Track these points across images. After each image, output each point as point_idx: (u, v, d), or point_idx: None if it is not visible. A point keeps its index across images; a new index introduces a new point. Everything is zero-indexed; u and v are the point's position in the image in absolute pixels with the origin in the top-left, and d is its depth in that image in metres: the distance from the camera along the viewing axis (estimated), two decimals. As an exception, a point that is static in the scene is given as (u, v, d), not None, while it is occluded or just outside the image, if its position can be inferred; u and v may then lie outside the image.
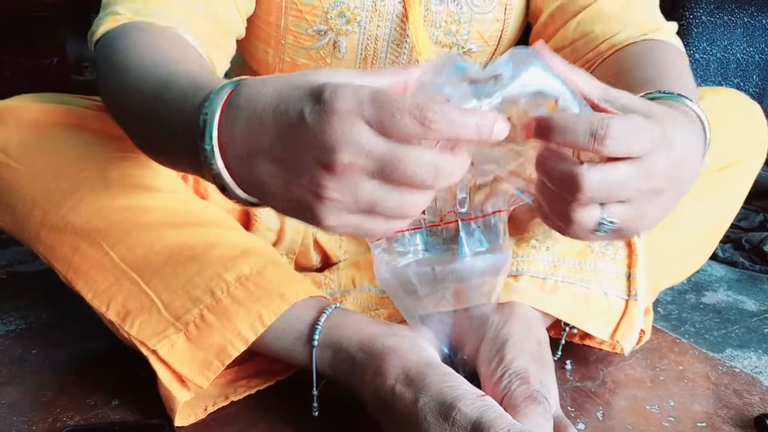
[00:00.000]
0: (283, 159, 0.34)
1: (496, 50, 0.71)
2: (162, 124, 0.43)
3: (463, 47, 0.68)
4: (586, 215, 0.37)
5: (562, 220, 0.39)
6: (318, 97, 0.32)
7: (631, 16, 0.64)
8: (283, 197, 0.35)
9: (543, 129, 0.36)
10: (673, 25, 0.66)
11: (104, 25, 0.53)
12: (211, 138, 0.37)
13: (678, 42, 0.65)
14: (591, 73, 0.65)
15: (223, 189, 0.38)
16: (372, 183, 0.33)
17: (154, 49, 0.50)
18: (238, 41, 0.64)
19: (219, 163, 0.37)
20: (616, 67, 0.61)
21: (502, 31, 0.69)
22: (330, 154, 0.32)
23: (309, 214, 0.35)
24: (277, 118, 0.34)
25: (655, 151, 0.37)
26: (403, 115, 0.32)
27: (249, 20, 0.66)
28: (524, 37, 0.75)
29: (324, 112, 0.32)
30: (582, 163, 0.37)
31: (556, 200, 0.38)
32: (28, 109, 0.57)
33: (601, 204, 0.37)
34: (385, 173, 0.33)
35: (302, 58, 0.67)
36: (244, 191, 0.38)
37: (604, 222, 0.38)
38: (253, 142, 0.35)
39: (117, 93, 0.49)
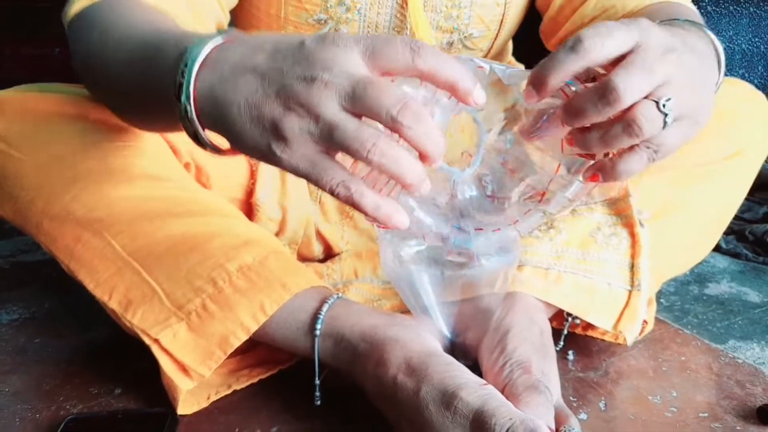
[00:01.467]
0: (268, 72, 0.36)
1: (497, 35, 0.70)
2: (150, 73, 0.43)
3: (464, 32, 0.68)
4: (644, 111, 0.39)
5: (627, 133, 0.39)
6: (323, 34, 0.36)
7: None
8: (249, 116, 0.36)
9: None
10: None
11: (77, 3, 0.53)
12: (192, 69, 0.38)
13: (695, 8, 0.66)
14: None
15: (195, 135, 0.40)
16: (339, 106, 0.35)
17: (138, 13, 0.50)
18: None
19: (191, 104, 0.38)
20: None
21: (503, 15, 0.69)
22: (314, 70, 0.34)
23: (268, 132, 0.36)
24: (277, 43, 0.37)
25: (645, 33, 0.39)
26: (395, 41, 0.35)
27: (249, 12, 0.65)
28: (528, 20, 0.75)
29: (325, 40, 0.35)
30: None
31: (610, 127, 0.40)
32: (28, 98, 0.56)
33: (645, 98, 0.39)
34: (356, 95, 0.34)
35: None
36: (210, 123, 0.39)
37: (662, 104, 0.39)
38: (244, 61, 0.37)
39: (98, 57, 0.49)
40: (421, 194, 0.37)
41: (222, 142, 0.40)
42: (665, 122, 0.39)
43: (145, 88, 0.44)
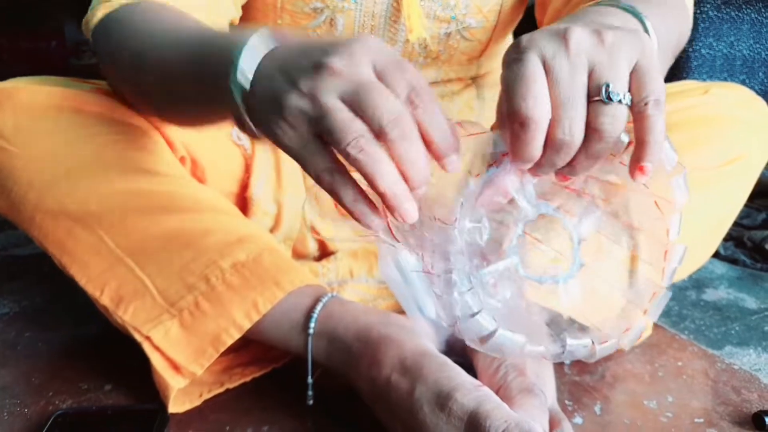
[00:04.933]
0: (290, 58, 0.37)
1: (495, 26, 0.70)
2: (198, 69, 0.45)
3: (461, 22, 0.67)
4: (598, 114, 0.36)
5: (601, 140, 0.36)
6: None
7: None
8: (264, 94, 0.37)
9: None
10: None
11: (100, 11, 0.54)
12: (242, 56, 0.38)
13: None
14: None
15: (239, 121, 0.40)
16: (338, 96, 0.35)
17: (173, 16, 0.52)
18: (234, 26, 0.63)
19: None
20: None
21: (501, 5, 0.68)
22: (327, 57, 0.35)
23: (272, 107, 0.36)
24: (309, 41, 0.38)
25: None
26: (405, 66, 0.35)
27: (246, 4, 0.65)
28: (528, 16, 0.74)
29: (349, 40, 0.36)
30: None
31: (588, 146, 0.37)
32: (23, 91, 0.56)
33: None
34: (358, 93, 0.34)
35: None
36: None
37: (607, 95, 0.36)
38: (283, 57, 0.38)
39: (138, 58, 0.50)
40: (404, 220, 0.35)
41: None
42: (626, 104, 0.36)
43: (196, 79, 0.45)
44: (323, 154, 0.36)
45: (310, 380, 0.55)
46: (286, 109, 0.36)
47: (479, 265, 0.42)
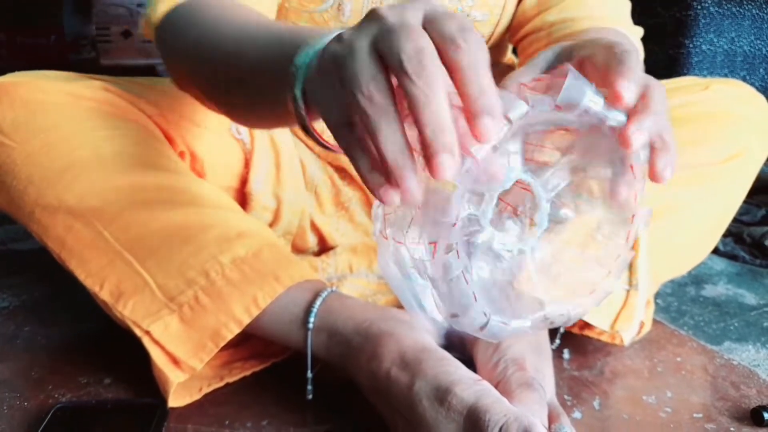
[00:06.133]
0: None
1: (498, 21, 0.70)
2: (261, 67, 0.42)
3: (468, 14, 0.67)
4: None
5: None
6: None
7: (609, 8, 0.65)
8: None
9: None
10: (639, 30, 0.67)
11: (161, 6, 0.52)
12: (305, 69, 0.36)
13: (637, 44, 0.65)
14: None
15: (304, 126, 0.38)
16: (369, 44, 0.31)
17: (240, 12, 0.50)
18: None
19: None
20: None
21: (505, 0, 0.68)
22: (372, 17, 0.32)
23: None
24: None
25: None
26: (453, 17, 0.30)
27: None
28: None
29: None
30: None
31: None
32: (22, 86, 0.56)
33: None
34: (381, 34, 0.30)
35: (305, 22, 0.65)
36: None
37: None
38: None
39: (205, 54, 0.48)
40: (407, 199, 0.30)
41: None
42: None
43: (262, 75, 0.42)
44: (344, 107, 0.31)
45: (309, 375, 0.55)
46: (325, 56, 0.32)
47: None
